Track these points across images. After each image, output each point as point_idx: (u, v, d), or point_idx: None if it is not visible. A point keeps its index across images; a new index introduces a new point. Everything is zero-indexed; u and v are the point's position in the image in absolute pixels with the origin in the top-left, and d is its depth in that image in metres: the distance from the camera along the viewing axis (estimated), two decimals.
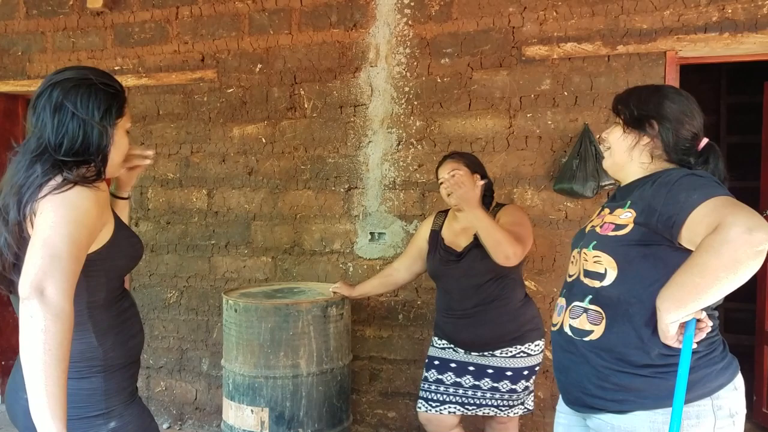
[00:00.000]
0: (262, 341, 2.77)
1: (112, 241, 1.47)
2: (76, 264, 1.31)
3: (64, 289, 1.26)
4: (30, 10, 4.10)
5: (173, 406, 3.94)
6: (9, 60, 4.16)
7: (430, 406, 2.66)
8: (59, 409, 1.24)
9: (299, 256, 3.67)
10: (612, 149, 1.72)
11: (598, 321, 1.57)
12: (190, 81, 3.80)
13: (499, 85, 3.26)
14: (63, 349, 1.25)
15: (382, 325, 3.53)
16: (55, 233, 1.29)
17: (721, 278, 1.33)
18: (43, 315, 1.23)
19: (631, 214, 1.56)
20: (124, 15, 3.90)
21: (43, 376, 1.22)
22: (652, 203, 1.52)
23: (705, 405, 1.49)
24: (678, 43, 2.98)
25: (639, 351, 1.51)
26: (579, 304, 1.62)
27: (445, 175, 2.61)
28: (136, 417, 1.56)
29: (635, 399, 1.51)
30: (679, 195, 1.46)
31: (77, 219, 1.33)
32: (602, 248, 1.58)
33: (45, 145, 1.42)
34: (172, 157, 3.85)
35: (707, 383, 1.50)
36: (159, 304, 3.92)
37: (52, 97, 1.44)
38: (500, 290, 2.52)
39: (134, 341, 1.58)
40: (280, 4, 3.60)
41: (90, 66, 1.55)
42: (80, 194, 1.36)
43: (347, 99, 3.53)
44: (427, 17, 3.37)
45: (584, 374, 1.59)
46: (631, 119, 1.66)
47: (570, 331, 1.63)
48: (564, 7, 3.14)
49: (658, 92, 1.68)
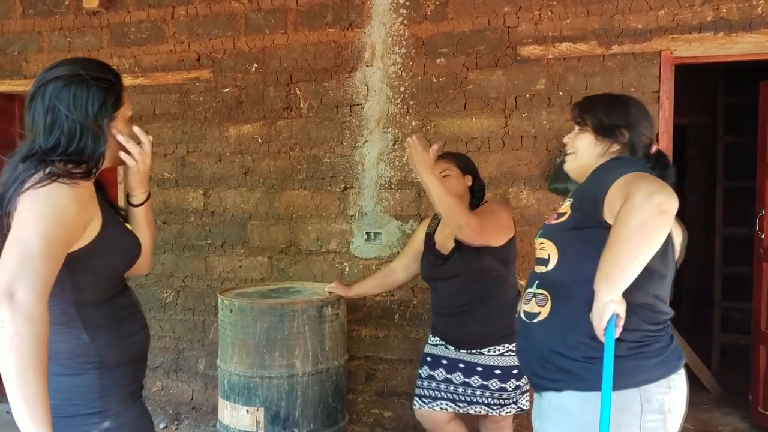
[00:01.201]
0: (257, 341, 2.77)
1: (99, 238, 1.42)
2: (52, 263, 1.26)
3: (36, 290, 1.21)
4: (26, 10, 4.10)
5: (170, 406, 3.94)
6: (5, 60, 4.16)
7: (423, 402, 2.67)
8: (41, 413, 1.20)
9: (295, 255, 3.67)
10: (578, 154, 1.80)
11: (543, 303, 1.68)
12: (186, 81, 3.79)
13: (494, 84, 3.27)
14: (38, 354, 1.20)
15: (378, 325, 3.53)
16: (28, 232, 1.25)
17: (635, 242, 1.42)
18: (13, 320, 1.18)
19: (569, 203, 1.71)
20: (120, 15, 3.90)
21: (19, 382, 1.19)
22: (584, 189, 1.69)
23: (632, 395, 1.57)
24: (673, 42, 2.99)
25: (577, 332, 1.59)
26: (530, 290, 1.74)
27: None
28: (134, 419, 1.52)
29: (569, 380, 1.61)
30: (601, 176, 1.62)
31: (54, 216, 1.28)
32: (546, 236, 1.72)
33: (37, 149, 1.39)
34: (168, 157, 3.85)
35: (636, 374, 1.58)
36: (155, 303, 3.92)
37: (45, 99, 1.41)
38: (487, 290, 2.53)
39: (134, 339, 1.53)
40: (276, 3, 3.60)
41: (83, 58, 1.50)
42: (58, 190, 1.31)
43: (343, 99, 3.53)
44: (423, 17, 3.37)
45: (533, 357, 1.70)
46: (602, 128, 1.75)
47: (524, 315, 1.74)
48: (559, 7, 3.14)
49: (623, 101, 1.81)
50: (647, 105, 2.99)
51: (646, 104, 3.01)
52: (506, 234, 2.53)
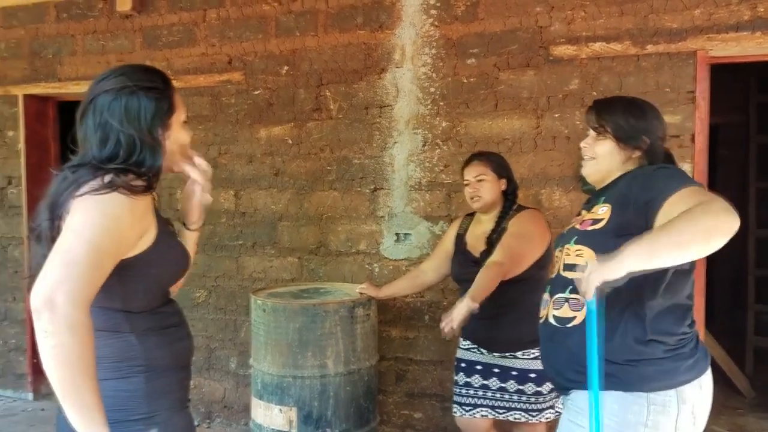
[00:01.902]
0: (290, 341, 2.79)
1: (154, 248, 1.40)
2: (96, 271, 1.23)
3: (76, 298, 1.18)
4: (60, 14, 4.18)
5: (202, 404, 3.99)
6: (40, 63, 4.24)
7: (464, 410, 2.65)
8: (96, 417, 1.19)
9: (325, 256, 3.69)
10: (599, 160, 1.78)
11: (579, 307, 1.67)
12: (218, 83, 3.83)
13: (526, 85, 3.25)
14: (84, 360, 1.18)
15: (408, 326, 3.54)
16: (75, 238, 1.23)
17: (692, 242, 1.37)
18: (56, 330, 1.16)
19: (607, 208, 1.67)
20: (152, 18, 3.95)
21: (69, 390, 1.17)
22: (627, 193, 1.63)
23: (671, 395, 1.58)
24: (709, 42, 2.94)
25: (618, 335, 1.60)
26: (561, 295, 1.72)
27: (470, 178, 2.62)
28: (181, 429, 1.49)
29: (608, 382, 1.59)
30: (657, 183, 1.58)
31: (103, 225, 1.26)
32: (583, 242, 1.69)
33: (90, 159, 1.37)
34: None
35: (675, 376, 1.59)
36: (188, 303, 3.97)
37: (95, 114, 1.39)
38: (518, 294, 2.51)
39: (180, 344, 1.51)
40: (307, 6, 3.62)
41: (130, 66, 1.45)
42: (115, 201, 1.29)
43: (373, 100, 3.53)
44: (453, 18, 3.36)
45: (564, 361, 1.69)
46: (624, 136, 1.74)
47: (554, 321, 1.73)
48: (592, 7, 3.11)
49: (640, 107, 1.78)
50: (682, 105, 3.01)
51: (681, 104, 3.01)
52: (543, 246, 2.54)
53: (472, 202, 2.65)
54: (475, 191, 2.62)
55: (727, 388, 4.29)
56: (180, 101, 1.50)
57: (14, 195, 4.40)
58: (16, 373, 4.48)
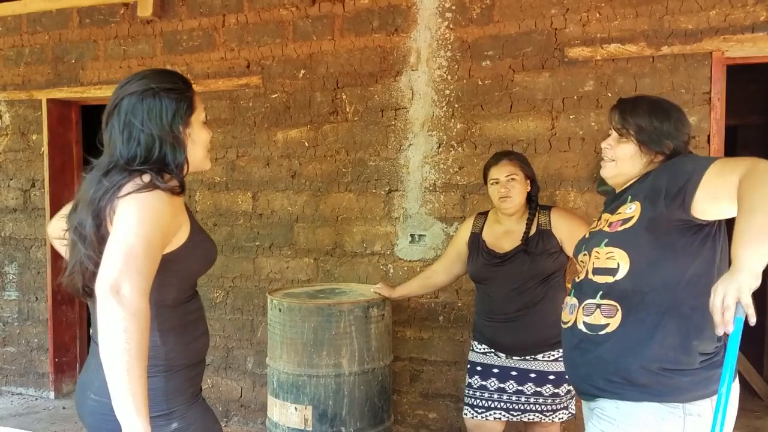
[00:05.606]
0: (305, 340, 2.82)
1: (187, 244, 1.49)
2: (152, 264, 1.33)
3: (140, 288, 1.28)
4: (83, 20, 4.27)
5: (219, 403, 4.04)
6: (63, 67, 4.33)
7: (476, 412, 2.63)
8: (143, 407, 1.26)
9: (341, 257, 3.72)
10: (620, 163, 1.75)
11: (612, 314, 1.61)
12: (236, 87, 3.89)
13: (541, 86, 3.26)
14: (141, 348, 1.26)
15: (423, 327, 3.56)
16: (131, 233, 1.31)
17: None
18: (122, 315, 1.24)
19: (635, 206, 1.63)
20: (172, 23, 4.03)
21: (126, 376, 1.24)
22: (656, 186, 1.59)
23: (706, 405, 1.55)
24: (725, 43, 2.94)
25: (655, 343, 1.55)
26: (591, 301, 1.66)
27: (500, 177, 2.58)
28: (198, 417, 1.56)
29: (642, 393, 1.57)
30: (686, 167, 1.55)
31: (152, 219, 1.35)
32: (614, 244, 1.64)
33: (117, 160, 1.45)
34: (219, 161, 3.96)
35: (710, 385, 1.55)
36: (206, 303, 4.01)
37: (120, 115, 1.47)
38: (543, 294, 2.51)
39: (197, 343, 1.58)
40: (324, 10, 3.67)
41: (152, 70, 1.54)
42: (156, 197, 1.38)
43: (388, 103, 3.57)
44: (468, 20, 3.39)
45: (594, 370, 1.64)
46: (647, 140, 1.70)
47: (584, 327, 1.67)
48: (607, 8, 3.12)
49: (665, 109, 1.73)
50: (698, 106, 3.00)
51: (697, 105, 3.01)
52: None
53: (500, 202, 2.58)
54: (507, 191, 2.56)
55: (744, 390, 4.23)
56: (200, 101, 1.57)
57: (38, 197, 4.49)
58: (38, 372, 4.57)
